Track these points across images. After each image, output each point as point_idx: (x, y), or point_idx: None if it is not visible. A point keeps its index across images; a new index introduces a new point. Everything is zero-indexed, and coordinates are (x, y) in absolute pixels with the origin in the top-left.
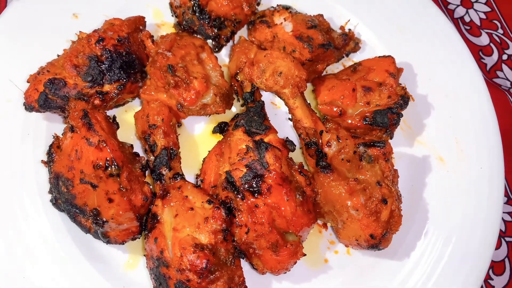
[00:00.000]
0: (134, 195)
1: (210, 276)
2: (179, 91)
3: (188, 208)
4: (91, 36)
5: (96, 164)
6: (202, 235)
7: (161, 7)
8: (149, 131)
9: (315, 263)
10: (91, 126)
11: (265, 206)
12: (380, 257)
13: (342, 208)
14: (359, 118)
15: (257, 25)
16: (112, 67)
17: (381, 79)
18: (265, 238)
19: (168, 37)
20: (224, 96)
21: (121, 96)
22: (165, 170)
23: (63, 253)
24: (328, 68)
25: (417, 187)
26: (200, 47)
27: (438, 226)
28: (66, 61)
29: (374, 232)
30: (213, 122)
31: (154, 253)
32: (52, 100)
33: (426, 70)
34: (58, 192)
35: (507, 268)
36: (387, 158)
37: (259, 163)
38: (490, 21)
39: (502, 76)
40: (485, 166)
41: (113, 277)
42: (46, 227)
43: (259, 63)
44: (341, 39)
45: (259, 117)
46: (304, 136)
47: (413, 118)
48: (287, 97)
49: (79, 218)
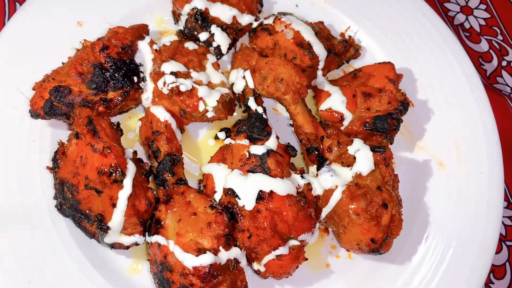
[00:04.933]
0: (138, 200)
1: (213, 280)
2: (182, 97)
3: (191, 213)
4: (95, 44)
5: (101, 170)
6: (205, 240)
7: (164, 15)
8: (152, 137)
9: (317, 267)
10: (95, 133)
11: (267, 211)
12: (381, 261)
13: (343, 213)
14: (360, 123)
15: (259, 32)
16: (116, 75)
17: (381, 85)
18: (267, 242)
19: (171, 45)
20: (226, 102)
21: (125, 103)
22: (168, 175)
23: (67, 258)
24: (329, 75)
25: (418, 191)
26: (203, 54)
27: (439, 231)
28: (71, 68)
29: (375, 236)
30: (216, 128)
31: (158, 258)
32: (57, 107)
33: (426, 76)
34: (63, 198)
35: (508, 272)
36: (387, 163)
37: (261, 169)
38: (490, 28)
39: (502, 82)
40: (485, 171)
41: (117, 281)
42: (51, 233)
43: (260, 70)
44: (341, 45)
45: (260, 123)
46: (305, 142)
47: (413, 123)
48: (288, 103)
49: (83, 224)
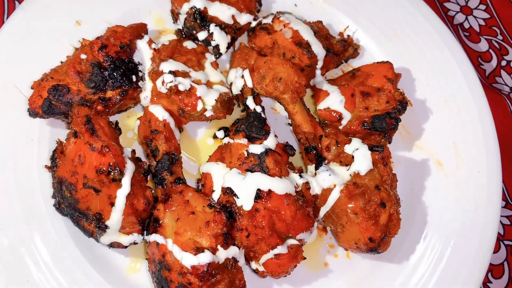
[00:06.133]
0: (136, 199)
1: (211, 279)
2: (181, 97)
3: (189, 212)
4: (94, 43)
5: (99, 169)
6: (204, 239)
7: (163, 14)
8: (151, 136)
9: (315, 266)
10: (94, 132)
11: (265, 210)
12: (380, 260)
13: (341, 212)
14: (358, 123)
15: (257, 31)
16: (115, 74)
17: (379, 84)
18: (266, 241)
19: (170, 44)
20: (225, 101)
21: (123, 102)
22: (166, 174)
23: (66, 257)
24: (327, 74)
25: (416, 191)
26: (201, 54)
27: (437, 230)
28: (69, 67)
29: (373, 235)
30: (214, 127)
31: (156, 257)
32: (55, 106)
33: (424, 75)
34: (62, 197)
35: (506, 271)
36: (385, 163)
37: (259, 168)
38: (490, 28)
39: (501, 82)
40: (483, 170)
41: (115, 280)
42: (49, 232)
43: (259, 69)
44: (340, 45)
45: (259, 122)
46: (304, 141)
47: (411, 122)
48: (286, 102)
49: (82, 222)
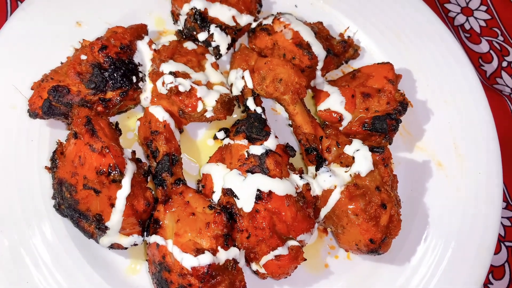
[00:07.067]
0: (136, 200)
1: (212, 280)
2: (181, 97)
3: (189, 213)
4: (94, 44)
5: (99, 170)
6: (204, 240)
7: (163, 15)
8: (151, 137)
9: (316, 268)
10: (94, 133)
11: (265, 211)
12: (380, 261)
13: (342, 213)
14: (358, 124)
15: (258, 32)
16: (115, 75)
17: (380, 85)
18: (266, 242)
19: (170, 45)
20: (225, 102)
21: (123, 103)
22: (167, 175)
23: (66, 258)
24: (328, 75)
25: (417, 192)
26: (202, 55)
27: (438, 231)
28: (69, 68)
29: (374, 236)
30: (214, 128)
31: (156, 258)
32: (55, 107)
33: (425, 76)
34: (62, 198)
35: (507, 272)
36: (386, 164)
37: (260, 169)
38: (490, 29)
39: (501, 83)
40: (484, 171)
41: (115, 282)
42: (49, 233)
43: (259, 70)
44: (340, 46)
45: (259, 123)
46: (304, 142)
47: (412, 124)
48: (287, 103)
49: (82, 224)
